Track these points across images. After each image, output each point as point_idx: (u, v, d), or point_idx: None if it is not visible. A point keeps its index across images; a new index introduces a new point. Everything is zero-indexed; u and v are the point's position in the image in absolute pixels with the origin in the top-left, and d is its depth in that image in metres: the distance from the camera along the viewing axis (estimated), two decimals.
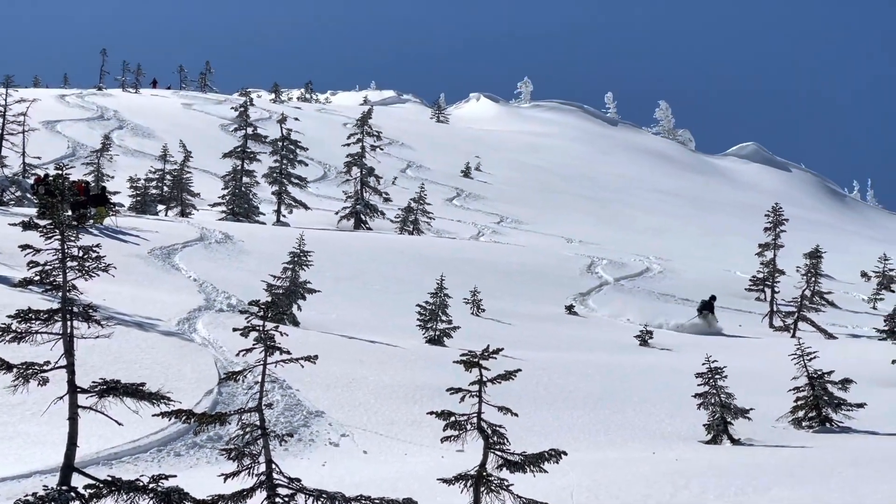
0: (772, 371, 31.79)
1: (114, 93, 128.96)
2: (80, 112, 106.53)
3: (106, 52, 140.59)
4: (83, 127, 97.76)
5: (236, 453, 13.02)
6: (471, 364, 14.20)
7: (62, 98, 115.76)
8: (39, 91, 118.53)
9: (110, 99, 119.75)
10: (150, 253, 43.87)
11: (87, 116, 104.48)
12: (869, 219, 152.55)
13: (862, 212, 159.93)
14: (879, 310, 58.65)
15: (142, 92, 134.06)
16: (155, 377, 23.33)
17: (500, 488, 14.26)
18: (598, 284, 56.90)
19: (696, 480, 17.12)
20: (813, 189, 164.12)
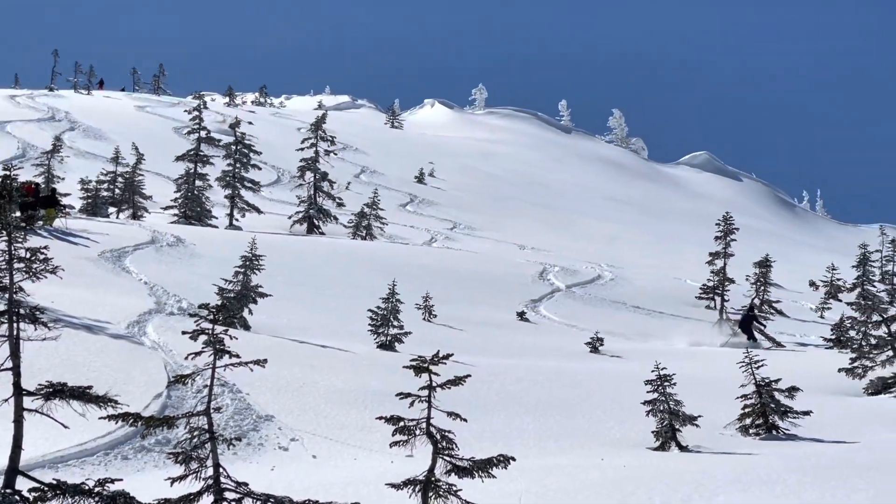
0: (720, 378, 31.96)
1: (65, 94, 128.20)
2: (31, 113, 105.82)
3: (58, 53, 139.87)
4: (34, 128, 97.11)
5: (184, 457, 12.99)
6: (421, 369, 14.24)
7: (12, 98, 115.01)
8: None
9: (62, 100, 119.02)
10: (100, 255, 43.65)
11: (38, 117, 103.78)
12: (818, 229, 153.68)
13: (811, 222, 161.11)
14: (827, 319, 59.04)
15: (94, 93, 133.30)
16: (103, 380, 23.18)
17: (449, 493, 14.29)
18: (549, 291, 56.99)
19: (643, 487, 17.20)
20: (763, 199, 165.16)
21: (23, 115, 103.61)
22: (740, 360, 26.33)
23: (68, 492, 12.94)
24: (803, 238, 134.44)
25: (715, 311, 54.46)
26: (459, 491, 14.30)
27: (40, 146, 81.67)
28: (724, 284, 54.01)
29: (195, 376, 13.35)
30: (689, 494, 16.61)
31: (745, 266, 59.26)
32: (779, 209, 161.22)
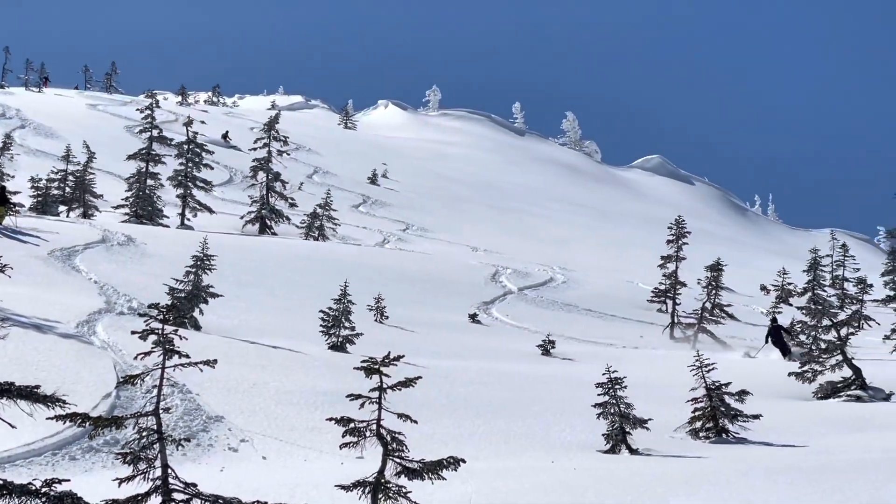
0: (671, 382, 32.09)
1: (16, 91, 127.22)
2: None
3: (9, 51, 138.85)
4: None
5: (132, 458, 12.91)
6: (371, 370, 14.21)
7: None
8: None
9: (12, 97, 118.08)
10: (50, 254, 43.39)
11: None
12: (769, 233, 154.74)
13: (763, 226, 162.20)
14: None
15: (44, 91, 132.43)
16: (52, 380, 23.05)
17: (399, 495, 14.27)
18: (501, 293, 57.10)
19: (593, 489, 17.24)
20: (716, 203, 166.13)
21: None
22: (691, 363, 26.44)
23: (14, 492, 12.83)
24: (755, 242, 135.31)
25: (666, 314, 54.66)
26: (409, 493, 14.28)
27: None
28: (676, 288, 54.21)
29: (144, 376, 13.26)
30: (638, 497, 16.67)
31: (696, 270, 59.51)
32: (731, 213, 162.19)
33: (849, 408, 31.35)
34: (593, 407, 24.33)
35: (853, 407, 31.58)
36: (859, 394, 33.52)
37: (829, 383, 34.31)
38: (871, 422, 28.27)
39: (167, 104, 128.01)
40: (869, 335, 52.61)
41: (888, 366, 37.97)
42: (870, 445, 24.25)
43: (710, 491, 16.89)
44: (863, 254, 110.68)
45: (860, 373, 33.91)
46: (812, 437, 26.00)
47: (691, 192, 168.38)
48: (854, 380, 33.97)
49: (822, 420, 28.65)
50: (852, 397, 33.38)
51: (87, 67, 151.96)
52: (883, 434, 26.24)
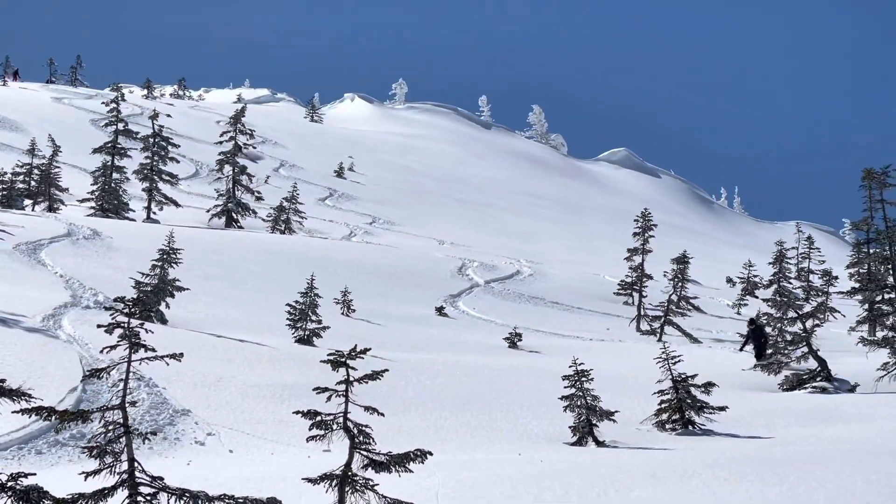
0: (637, 374, 32.22)
1: None
2: None
3: None
4: None
5: (98, 451, 12.87)
6: (338, 364, 14.21)
7: None
8: None
9: None
10: (15, 248, 43.21)
11: None
12: (735, 226, 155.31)
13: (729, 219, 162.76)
14: (743, 315, 59.71)
15: (10, 84, 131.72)
16: (17, 374, 22.98)
17: (366, 488, 14.28)
18: (468, 286, 57.16)
19: (559, 481, 17.29)
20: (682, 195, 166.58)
21: None
22: (657, 355, 26.54)
23: None
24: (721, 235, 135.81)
25: (633, 306, 54.81)
26: (376, 486, 14.29)
27: None
28: (642, 280, 54.35)
29: (111, 370, 13.23)
30: (604, 489, 16.73)
31: (663, 262, 59.72)
32: (697, 206, 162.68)
33: (814, 399, 31.52)
34: (560, 399, 24.40)
35: (819, 398, 31.76)
36: (825, 385, 33.70)
37: (795, 375, 34.50)
38: (837, 413, 28.42)
39: (133, 97, 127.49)
40: (834, 327, 52.91)
41: (853, 357, 38.16)
42: (836, 437, 24.40)
43: (677, 483, 16.96)
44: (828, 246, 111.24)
45: (825, 364, 34.09)
46: (778, 428, 26.13)
47: (657, 185, 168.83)
48: (819, 371, 34.15)
49: (787, 412, 28.78)
50: (818, 389, 33.55)
51: (52, 61, 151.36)
52: (848, 425, 26.40)
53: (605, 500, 16.12)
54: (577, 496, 16.47)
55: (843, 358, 37.37)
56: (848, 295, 41.85)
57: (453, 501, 16.44)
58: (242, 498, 13.09)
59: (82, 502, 12.75)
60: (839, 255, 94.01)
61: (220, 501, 12.91)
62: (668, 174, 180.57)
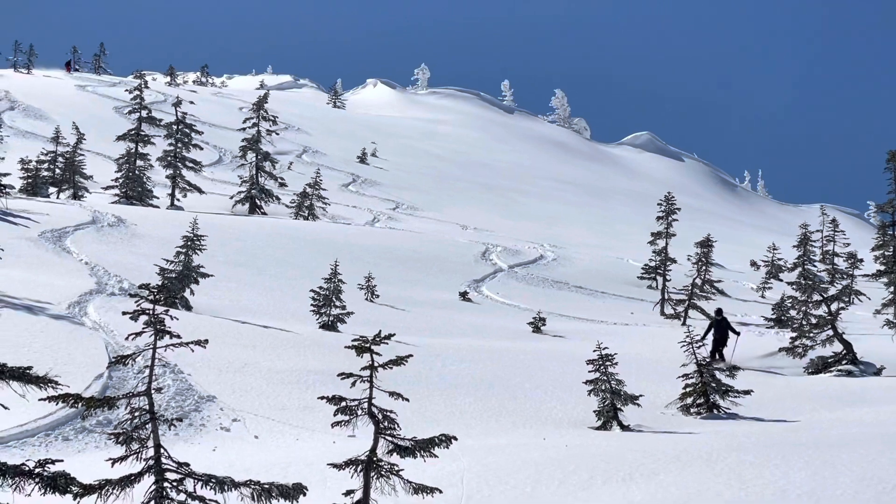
0: (662, 358, 32.16)
1: (5, 73, 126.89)
2: None
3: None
4: None
5: (124, 438, 12.92)
6: (362, 349, 14.22)
7: None
8: None
9: (1, 79, 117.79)
10: (40, 236, 43.34)
11: None
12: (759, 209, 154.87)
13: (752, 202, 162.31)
14: (767, 298, 59.53)
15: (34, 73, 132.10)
16: (44, 361, 23.08)
17: (391, 473, 14.30)
18: (492, 271, 57.13)
19: (584, 466, 17.29)
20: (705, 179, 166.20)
21: None
22: (681, 339, 26.49)
23: (8, 473, 12.85)
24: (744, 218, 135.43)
25: (656, 290, 54.70)
26: (401, 471, 14.31)
27: None
28: (666, 264, 54.23)
29: (136, 357, 13.26)
30: (630, 473, 16.72)
31: (686, 246, 59.58)
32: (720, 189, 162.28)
33: (840, 382, 31.42)
34: (584, 384, 24.39)
35: (844, 382, 31.65)
36: (850, 368, 33.60)
37: (820, 358, 34.39)
38: (863, 396, 28.33)
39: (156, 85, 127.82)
40: (859, 310, 52.73)
41: (879, 340, 38.04)
42: (861, 420, 24.32)
43: (703, 467, 16.94)
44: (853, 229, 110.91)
45: (851, 347, 33.99)
46: (804, 412, 26.06)
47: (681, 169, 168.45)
48: (845, 354, 34.05)
49: (813, 395, 28.71)
50: (843, 372, 33.45)
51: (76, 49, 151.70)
52: (874, 408, 26.30)
53: (630, 485, 16.11)
54: (602, 480, 16.47)
55: (868, 340, 37.26)
56: (873, 277, 41.85)
57: (478, 486, 16.46)
58: (268, 483, 13.13)
59: (109, 488, 12.81)
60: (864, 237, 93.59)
61: (246, 487, 12.95)
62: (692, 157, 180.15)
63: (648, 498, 15.32)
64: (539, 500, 15.91)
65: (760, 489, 15.25)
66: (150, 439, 12.93)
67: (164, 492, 12.81)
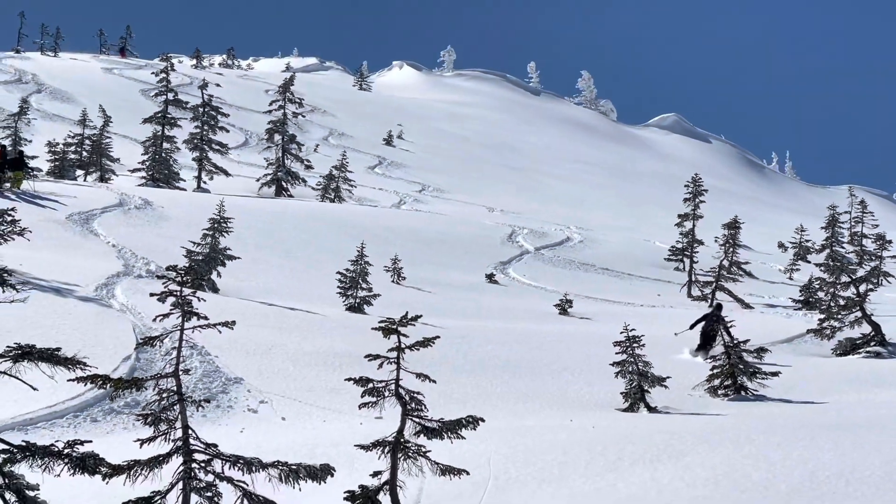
0: (689, 340, 32.07)
1: (32, 56, 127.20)
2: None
3: (24, 15, 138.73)
4: (0, 90, 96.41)
5: (153, 419, 12.95)
6: (389, 331, 14.23)
7: None
8: None
9: (28, 62, 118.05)
10: (68, 218, 43.49)
11: (5, 80, 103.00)
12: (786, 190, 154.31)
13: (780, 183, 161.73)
14: (795, 280, 59.35)
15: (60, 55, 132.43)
16: (72, 343, 23.13)
17: (418, 454, 14.31)
18: (518, 253, 57.10)
19: (612, 447, 17.27)
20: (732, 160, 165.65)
21: None
22: None
23: (38, 453, 12.91)
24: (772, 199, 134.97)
25: (684, 272, 54.61)
26: (429, 452, 14.32)
27: (7, 108, 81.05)
28: (693, 246, 54.12)
29: (164, 338, 13.29)
30: (657, 455, 16.69)
31: (713, 228, 59.47)
32: (748, 171, 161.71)
33: (868, 364, 31.34)
34: (611, 365, 24.36)
35: (872, 363, 31.57)
36: (879, 350, 33.50)
37: (848, 340, 34.29)
38: (891, 378, 28.24)
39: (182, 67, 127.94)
40: (888, 291, 52.54)
41: None
42: (890, 401, 24.26)
43: (730, 448, 16.90)
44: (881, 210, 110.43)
45: (879, 329, 33.88)
46: (832, 393, 25.99)
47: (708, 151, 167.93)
48: (873, 336, 33.95)
49: (841, 377, 28.62)
50: (872, 353, 33.36)
51: (102, 31, 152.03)
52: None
53: (657, 466, 16.09)
54: (629, 462, 16.45)
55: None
56: None
57: (505, 467, 16.46)
58: (296, 464, 13.16)
59: (138, 469, 12.85)
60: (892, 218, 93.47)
61: (274, 468, 12.98)
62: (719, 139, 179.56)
63: (676, 479, 15.30)
64: (566, 481, 15.91)
65: (789, 470, 15.21)
66: (178, 420, 12.97)
67: (193, 472, 12.85)
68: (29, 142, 61.59)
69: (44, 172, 57.86)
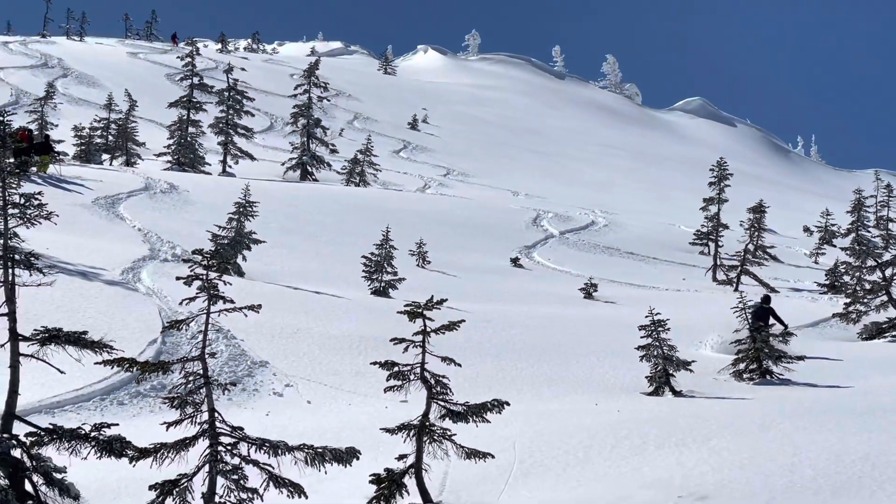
0: (714, 324, 32.03)
1: (58, 40, 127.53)
2: (24, 59, 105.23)
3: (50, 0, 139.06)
4: (27, 74, 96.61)
5: (179, 402, 13.01)
6: (415, 314, 14.26)
7: (5, 45, 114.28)
8: None
9: (54, 46, 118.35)
10: (94, 202, 43.63)
11: (31, 64, 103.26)
12: (812, 174, 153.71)
13: (805, 167, 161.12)
14: (821, 264, 59.16)
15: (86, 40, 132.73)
16: (98, 326, 23.25)
17: (443, 438, 14.35)
18: (543, 237, 57.03)
19: (637, 431, 17.26)
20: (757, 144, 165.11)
21: (15, 61, 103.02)
22: (734, 305, 26.38)
23: (65, 436, 12.99)
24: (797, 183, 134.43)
25: (709, 256, 54.48)
26: (454, 436, 14.35)
27: (33, 93, 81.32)
28: (718, 230, 53.97)
29: (190, 322, 13.34)
30: (682, 439, 16.68)
31: (738, 212, 59.26)
32: (773, 155, 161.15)
33: (894, 348, 31.23)
34: (636, 349, 24.35)
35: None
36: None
37: (874, 324, 34.20)
38: None
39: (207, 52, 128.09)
40: None
41: None
42: None
43: (756, 432, 16.87)
44: None
45: None
46: (857, 378, 25.89)
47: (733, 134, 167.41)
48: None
49: (867, 361, 28.54)
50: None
51: (128, 16, 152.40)
52: None
53: (682, 450, 16.08)
54: (654, 446, 16.44)
55: None
56: None
57: (530, 451, 16.47)
58: (321, 447, 13.20)
59: (164, 451, 12.91)
60: None
61: (300, 451, 13.03)
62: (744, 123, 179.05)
63: (701, 463, 15.28)
64: (591, 464, 15.91)
65: (815, 454, 15.17)
66: (204, 403, 13.02)
67: (219, 455, 12.91)
68: (55, 126, 61.79)
69: (70, 157, 58.01)
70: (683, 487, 14.34)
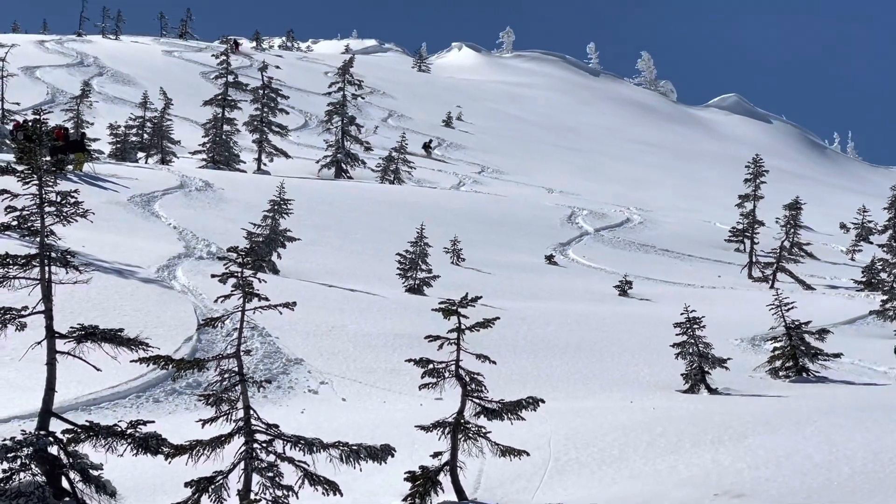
0: (750, 321, 31.91)
1: (93, 39, 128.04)
2: (60, 58, 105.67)
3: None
4: (62, 73, 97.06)
5: (214, 399, 13.04)
6: (449, 312, 14.24)
7: (41, 44, 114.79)
8: (18, 37, 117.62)
9: (90, 45, 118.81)
10: (129, 200, 43.78)
11: (67, 63, 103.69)
12: (848, 171, 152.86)
13: (842, 164, 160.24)
14: (857, 261, 58.85)
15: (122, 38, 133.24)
16: (134, 324, 23.34)
17: (478, 435, 14.34)
18: (578, 235, 56.92)
19: (672, 428, 17.21)
20: (793, 141, 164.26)
21: (52, 60, 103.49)
22: (770, 302, 26.28)
23: (101, 433, 13.03)
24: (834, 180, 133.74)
25: (744, 253, 54.27)
26: (489, 433, 14.34)
27: (69, 91, 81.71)
28: (754, 227, 53.77)
29: (225, 319, 13.37)
30: (718, 436, 16.62)
31: (774, 209, 58.99)
32: (809, 151, 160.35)
33: None
34: (671, 347, 24.28)
35: None
36: None
37: None
38: None
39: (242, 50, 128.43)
40: None
41: None
42: None
43: (792, 429, 16.80)
44: None
45: None
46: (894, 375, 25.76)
47: (769, 131, 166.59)
48: None
49: None
50: None
51: (163, 14, 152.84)
52: None
53: (718, 447, 16.02)
54: (690, 443, 16.39)
55: None
56: None
57: (565, 449, 16.45)
58: (357, 445, 13.21)
59: (200, 449, 12.95)
60: None
61: (335, 448, 13.04)
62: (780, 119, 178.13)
63: (737, 461, 15.22)
64: (627, 462, 15.88)
65: (851, 452, 15.10)
66: (239, 401, 13.05)
67: (254, 453, 12.93)
68: (91, 124, 62.07)
69: (105, 155, 58.25)
70: (719, 485, 14.30)
